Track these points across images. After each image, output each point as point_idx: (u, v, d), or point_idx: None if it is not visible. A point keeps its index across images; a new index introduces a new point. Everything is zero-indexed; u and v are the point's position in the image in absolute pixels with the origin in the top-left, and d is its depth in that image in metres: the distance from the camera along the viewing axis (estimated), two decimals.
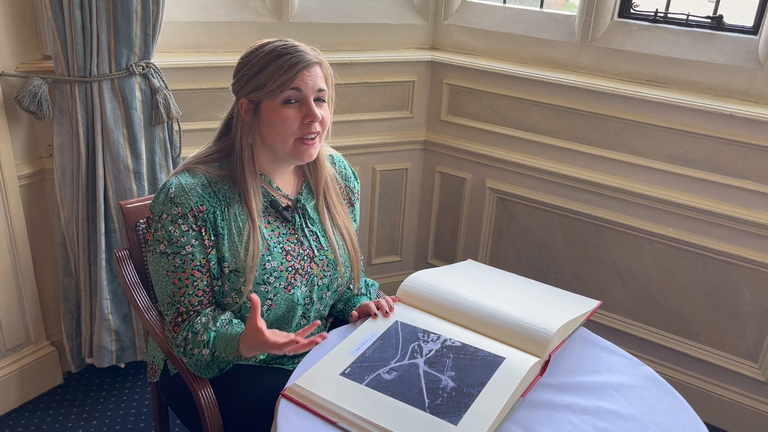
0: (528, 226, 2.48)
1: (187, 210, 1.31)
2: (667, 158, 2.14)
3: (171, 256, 1.31)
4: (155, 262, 1.34)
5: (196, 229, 1.31)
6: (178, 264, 1.31)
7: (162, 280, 1.34)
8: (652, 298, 2.29)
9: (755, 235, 2.04)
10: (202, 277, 1.33)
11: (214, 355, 1.31)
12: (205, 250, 1.32)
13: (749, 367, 2.16)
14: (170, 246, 1.31)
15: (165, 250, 1.31)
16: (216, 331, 1.32)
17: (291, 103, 1.31)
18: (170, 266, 1.32)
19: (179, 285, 1.32)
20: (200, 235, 1.32)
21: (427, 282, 1.47)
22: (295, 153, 1.35)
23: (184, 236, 1.30)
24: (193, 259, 1.31)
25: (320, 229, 1.46)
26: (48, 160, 2.04)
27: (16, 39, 1.88)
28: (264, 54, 1.32)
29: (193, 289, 1.32)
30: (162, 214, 1.31)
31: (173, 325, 1.35)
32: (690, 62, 2.12)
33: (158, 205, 1.33)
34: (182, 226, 1.30)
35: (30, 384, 2.16)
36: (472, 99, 2.48)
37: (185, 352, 1.33)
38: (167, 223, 1.31)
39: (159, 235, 1.32)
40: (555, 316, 1.34)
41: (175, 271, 1.32)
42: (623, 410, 1.21)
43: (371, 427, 1.10)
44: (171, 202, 1.31)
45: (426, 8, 2.56)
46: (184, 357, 1.35)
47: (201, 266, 1.32)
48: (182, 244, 1.30)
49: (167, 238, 1.31)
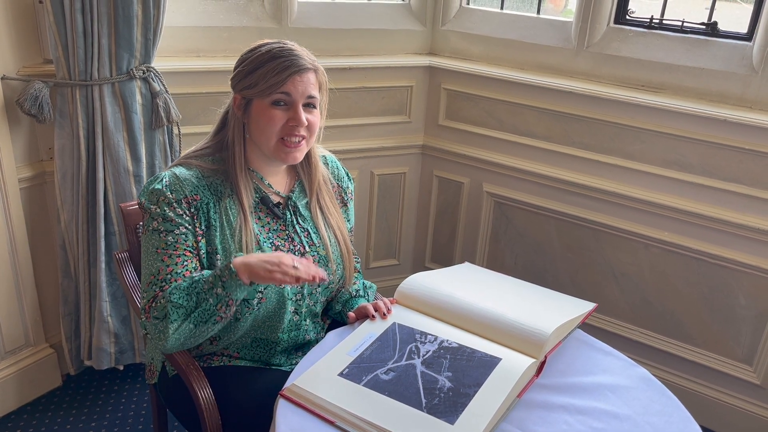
0: (525, 230, 2.50)
1: (182, 197, 1.33)
2: (662, 163, 2.16)
3: (163, 233, 1.32)
4: (146, 240, 1.34)
5: (190, 215, 1.33)
6: (170, 241, 1.31)
7: (150, 258, 1.33)
8: (647, 302, 2.30)
9: (750, 239, 2.06)
10: (192, 259, 1.33)
11: (198, 288, 1.26)
12: (197, 237, 1.34)
13: (744, 370, 2.18)
14: (164, 224, 1.32)
15: (158, 227, 1.32)
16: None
17: (280, 105, 1.34)
18: (161, 243, 1.31)
19: (168, 262, 1.31)
20: (193, 221, 1.33)
21: (425, 284, 1.49)
22: (277, 153, 1.37)
23: (179, 218, 1.32)
24: (186, 240, 1.32)
25: (312, 226, 1.48)
26: (48, 163, 2.06)
27: (17, 43, 1.89)
28: (261, 54, 1.35)
29: (182, 269, 1.31)
30: (158, 198, 1.32)
31: (151, 300, 1.29)
32: (685, 68, 2.14)
33: (152, 192, 1.34)
34: (177, 210, 1.32)
35: (29, 386, 2.16)
36: (469, 104, 2.50)
37: (164, 309, 1.26)
38: (163, 204, 1.32)
39: (154, 212, 1.32)
40: (551, 318, 1.35)
41: (166, 249, 1.31)
42: (618, 410, 1.22)
43: (369, 427, 1.11)
44: (166, 188, 1.33)
45: (424, 14, 2.58)
46: (162, 319, 1.26)
47: (192, 248, 1.33)
48: (176, 224, 1.32)
49: (162, 216, 1.32)
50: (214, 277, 1.26)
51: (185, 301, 1.27)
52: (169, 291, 1.28)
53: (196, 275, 1.30)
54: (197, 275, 1.29)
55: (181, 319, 1.27)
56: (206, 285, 1.26)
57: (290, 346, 1.49)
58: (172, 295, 1.27)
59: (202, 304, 1.27)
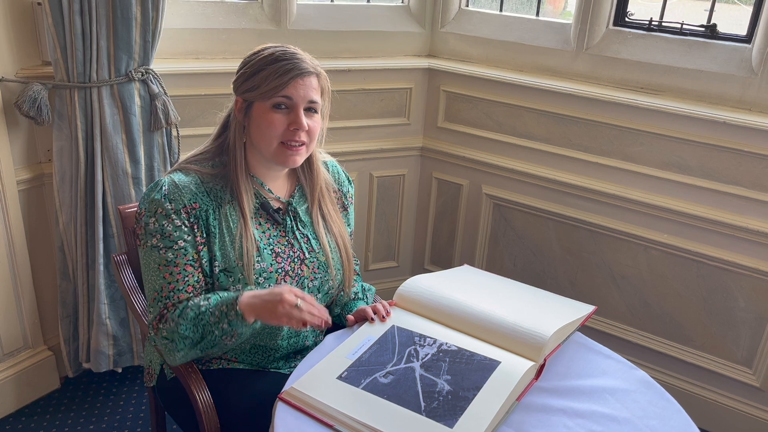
0: (524, 232, 2.50)
1: (181, 206, 1.32)
2: (661, 165, 2.16)
3: (163, 250, 1.31)
4: (146, 256, 1.34)
5: (189, 225, 1.32)
6: (170, 258, 1.31)
7: (152, 275, 1.33)
8: (646, 304, 2.30)
9: (749, 241, 2.06)
10: (194, 272, 1.33)
11: (204, 320, 1.28)
12: (197, 247, 1.33)
13: (744, 372, 2.17)
14: (162, 240, 1.31)
15: (157, 243, 1.31)
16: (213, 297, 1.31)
17: (281, 108, 1.34)
18: (161, 260, 1.31)
19: (169, 279, 1.31)
20: (193, 231, 1.33)
21: (424, 287, 1.48)
22: (278, 157, 1.36)
23: (177, 231, 1.31)
24: (186, 254, 1.32)
25: (311, 232, 1.47)
26: (47, 165, 2.05)
27: (16, 45, 1.89)
28: (263, 57, 1.35)
29: (183, 285, 1.32)
30: (156, 209, 1.32)
31: (159, 317, 1.32)
32: (684, 70, 2.14)
33: (151, 201, 1.33)
34: (175, 221, 1.31)
35: (27, 388, 2.16)
36: (468, 106, 2.50)
37: (174, 334, 1.29)
38: (161, 217, 1.31)
39: (151, 228, 1.32)
40: (550, 321, 1.35)
41: (167, 265, 1.31)
42: (617, 414, 1.22)
43: (368, 430, 1.11)
44: (164, 198, 1.32)
45: (423, 16, 2.58)
46: (170, 342, 1.30)
47: (193, 261, 1.33)
48: (175, 238, 1.31)
49: (160, 232, 1.31)
50: (221, 313, 1.27)
51: (191, 332, 1.29)
52: (178, 314, 1.29)
53: (203, 305, 1.29)
54: (204, 305, 1.29)
55: (188, 348, 1.31)
56: (212, 318, 1.28)
57: (289, 352, 1.49)
58: (180, 326, 1.29)
59: (208, 336, 1.29)
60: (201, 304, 1.30)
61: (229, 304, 1.27)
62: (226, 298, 1.29)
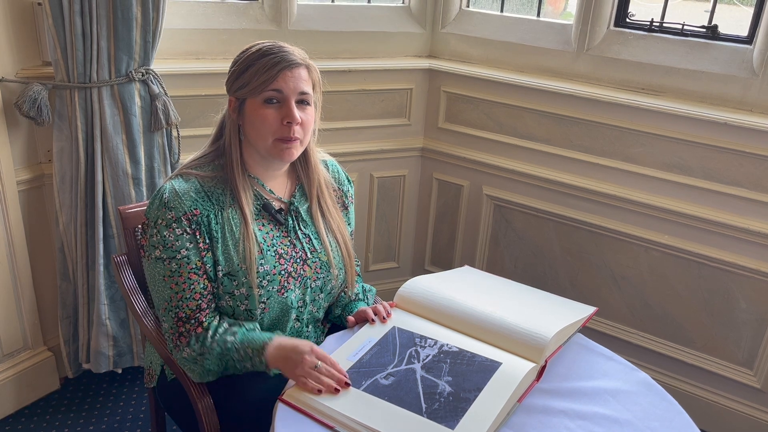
0: (524, 233, 2.49)
1: (181, 214, 1.32)
2: (662, 166, 2.16)
3: (167, 261, 1.31)
4: (151, 268, 1.34)
5: (191, 233, 1.32)
6: (174, 269, 1.31)
7: (159, 286, 1.34)
8: (647, 305, 2.30)
9: (750, 242, 2.05)
10: (199, 280, 1.33)
11: (229, 357, 1.32)
12: (201, 253, 1.33)
13: (745, 374, 2.17)
14: (165, 251, 1.31)
15: (160, 255, 1.32)
16: (240, 333, 1.33)
17: (272, 102, 1.33)
18: (166, 271, 1.32)
19: (176, 290, 1.32)
20: (195, 238, 1.32)
21: (424, 288, 1.48)
22: (274, 152, 1.36)
23: (179, 240, 1.31)
24: (189, 263, 1.32)
25: (313, 231, 1.47)
26: (47, 165, 2.05)
27: (16, 45, 1.89)
28: (251, 53, 1.35)
29: (191, 293, 1.32)
30: (157, 220, 1.32)
31: (177, 335, 1.33)
32: (685, 71, 2.14)
33: (153, 211, 1.34)
34: (176, 230, 1.31)
35: (27, 389, 2.16)
36: (469, 107, 2.50)
37: (196, 362, 1.33)
38: (162, 228, 1.31)
39: (154, 240, 1.32)
40: (551, 322, 1.35)
41: (172, 276, 1.32)
42: (618, 415, 1.22)
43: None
44: (165, 207, 1.32)
45: (424, 16, 2.58)
46: (194, 366, 1.34)
47: (197, 269, 1.33)
48: (177, 248, 1.31)
49: (162, 243, 1.31)
50: (246, 354, 1.31)
51: (216, 366, 1.33)
52: (207, 344, 1.31)
53: (230, 341, 1.31)
54: (230, 341, 1.31)
55: (209, 375, 1.35)
56: (237, 355, 1.31)
57: None
58: (206, 360, 1.32)
59: (230, 369, 1.34)
60: (227, 339, 1.31)
61: (256, 349, 1.30)
62: (253, 340, 1.31)
